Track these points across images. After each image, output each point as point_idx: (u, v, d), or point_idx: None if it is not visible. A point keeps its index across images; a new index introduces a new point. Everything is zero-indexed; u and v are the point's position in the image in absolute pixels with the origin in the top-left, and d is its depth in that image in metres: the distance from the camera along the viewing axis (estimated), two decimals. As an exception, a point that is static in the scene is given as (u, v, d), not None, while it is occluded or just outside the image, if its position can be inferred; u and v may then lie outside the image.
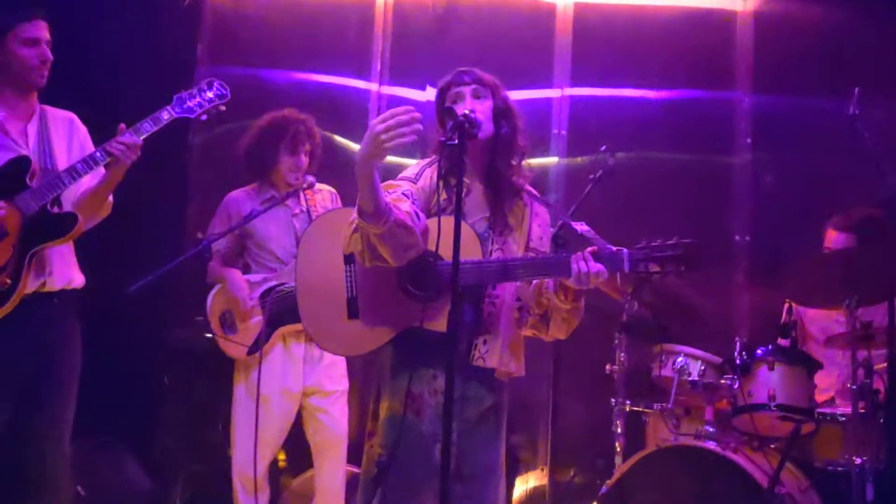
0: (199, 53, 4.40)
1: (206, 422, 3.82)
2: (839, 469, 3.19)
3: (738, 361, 3.25)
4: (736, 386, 3.22)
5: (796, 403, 3.16)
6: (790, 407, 3.15)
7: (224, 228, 3.40)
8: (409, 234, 2.16)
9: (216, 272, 3.43)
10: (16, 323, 2.64)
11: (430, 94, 4.48)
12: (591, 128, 4.39)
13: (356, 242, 2.19)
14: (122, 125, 2.72)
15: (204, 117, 2.87)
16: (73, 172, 2.69)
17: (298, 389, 3.34)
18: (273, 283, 3.35)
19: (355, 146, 4.54)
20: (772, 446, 3.29)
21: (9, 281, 2.61)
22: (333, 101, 4.47)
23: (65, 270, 2.79)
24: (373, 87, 4.57)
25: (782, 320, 3.55)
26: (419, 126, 2.05)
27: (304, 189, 3.41)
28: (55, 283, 2.75)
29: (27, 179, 2.67)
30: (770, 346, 3.28)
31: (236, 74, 4.45)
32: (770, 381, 3.18)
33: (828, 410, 3.29)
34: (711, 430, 3.22)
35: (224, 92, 2.87)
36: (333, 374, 3.41)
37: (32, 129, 2.80)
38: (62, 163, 2.78)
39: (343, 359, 3.42)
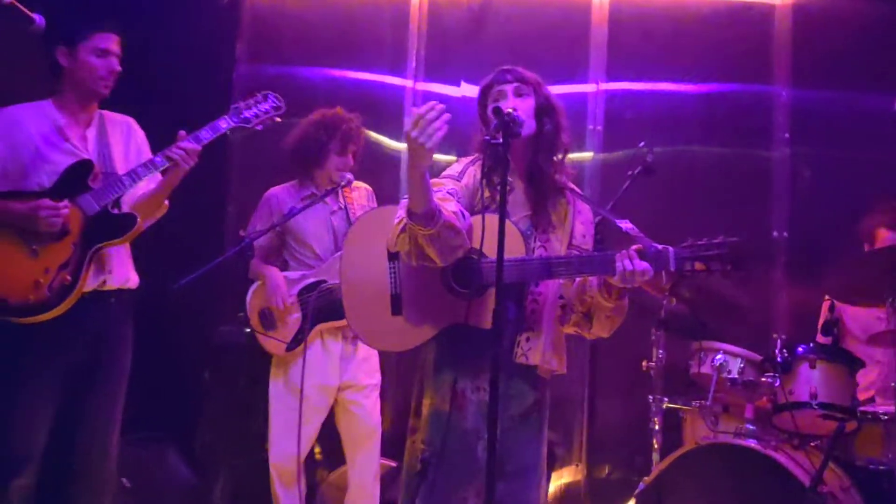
0: (238, 52, 4.45)
1: (246, 416, 3.87)
2: (881, 468, 3.17)
3: (778, 359, 3.22)
4: (777, 384, 3.19)
5: (838, 402, 3.13)
6: (832, 405, 3.12)
7: (265, 225, 3.44)
8: (456, 236, 2.18)
9: (256, 269, 3.48)
10: (74, 319, 2.71)
11: (465, 90, 4.49)
12: (627, 123, 4.37)
13: (403, 242, 2.21)
14: (182, 132, 2.79)
15: (259, 127, 2.94)
16: (134, 175, 2.76)
17: (335, 384, 3.38)
18: (312, 279, 3.38)
19: (391, 142, 4.58)
20: (812, 445, 3.26)
21: (69, 278, 2.68)
22: (369, 98, 4.49)
23: (122, 270, 2.86)
24: (408, 83, 4.59)
25: (823, 318, 3.51)
26: (447, 115, 2.07)
27: (343, 186, 3.43)
28: (114, 282, 2.82)
29: (89, 182, 2.76)
30: (811, 344, 3.26)
31: (274, 73, 4.50)
32: (812, 379, 3.15)
33: (869, 409, 3.26)
34: (752, 428, 3.19)
35: (279, 104, 2.96)
36: (367, 368, 3.45)
37: (91, 133, 2.87)
38: (120, 166, 2.85)
39: (376, 353, 3.46)
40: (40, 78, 2.87)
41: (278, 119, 2.98)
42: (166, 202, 2.95)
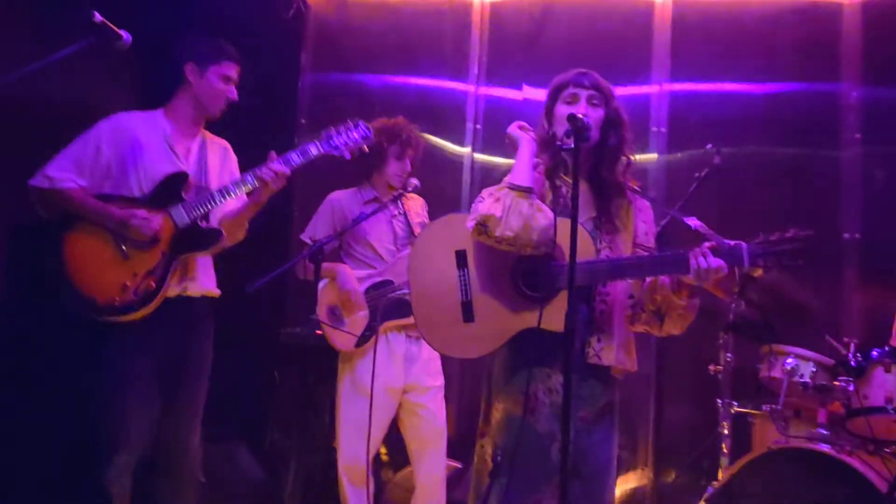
0: (302, 62, 4.55)
1: (315, 415, 3.95)
2: (962, 475, 3.07)
3: (852, 363, 3.16)
4: (851, 388, 3.13)
5: (916, 406, 3.05)
6: (909, 410, 3.04)
7: (327, 228, 3.52)
8: (544, 219, 2.27)
9: (325, 267, 3.55)
10: (158, 323, 2.83)
11: (527, 93, 4.51)
12: (691, 124, 4.32)
13: (497, 207, 2.26)
14: (273, 153, 2.89)
15: (347, 156, 3.01)
16: (225, 192, 2.88)
17: (400, 386, 3.43)
18: (377, 278, 3.46)
19: (453, 147, 4.63)
20: (888, 451, 3.18)
21: (154, 285, 2.80)
22: (431, 104, 4.55)
23: (206, 279, 2.98)
24: (470, 88, 4.62)
25: (897, 321, 3.43)
26: None
27: (409, 191, 3.52)
28: (196, 289, 2.94)
29: (182, 193, 2.88)
30: (886, 348, 3.18)
31: (338, 80, 4.59)
32: (887, 384, 3.07)
33: (948, 414, 3.17)
34: (825, 432, 3.13)
35: (368, 134, 3.03)
36: (431, 370, 3.49)
37: (195, 148, 3.01)
38: (214, 183, 2.98)
39: (438, 355, 3.49)
40: (125, 92, 3.00)
41: (366, 149, 3.05)
42: (246, 225, 3.04)
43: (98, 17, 2.35)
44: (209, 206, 2.88)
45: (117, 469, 2.76)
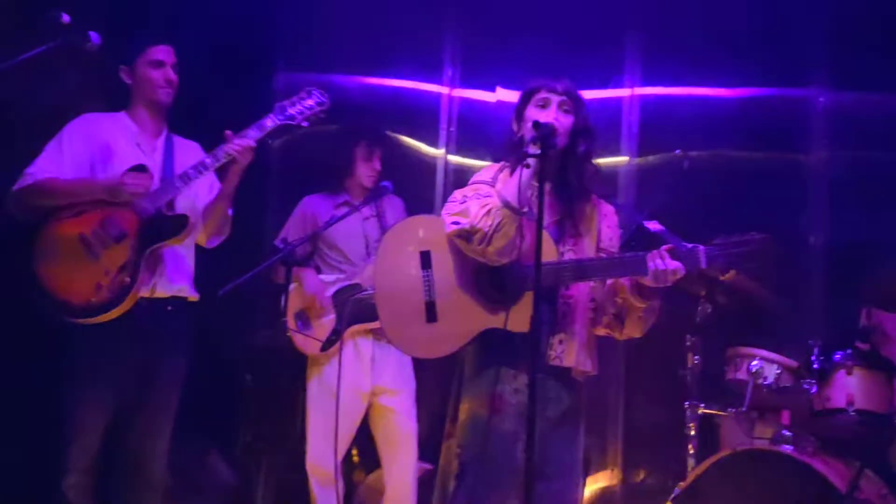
0: (276, 62, 4.53)
1: (286, 418, 3.95)
2: (919, 476, 3.15)
3: (815, 365, 3.22)
4: (814, 390, 3.18)
5: (876, 409, 3.11)
6: (869, 412, 3.10)
7: (299, 232, 3.51)
8: (518, 236, 2.27)
9: (296, 272, 3.55)
10: (132, 323, 2.81)
11: (500, 94, 4.53)
12: (661, 128, 4.36)
13: (485, 222, 2.27)
14: (229, 132, 2.88)
15: (305, 124, 3.00)
16: (185, 177, 2.87)
17: (368, 389, 3.44)
18: (346, 283, 3.46)
19: (427, 149, 4.64)
20: (849, 452, 3.24)
21: (128, 279, 2.78)
22: (404, 105, 4.55)
23: (177, 277, 2.96)
24: (444, 90, 4.64)
25: (861, 324, 3.48)
26: None
27: (380, 195, 3.50)
28: (166, 288, 2.91)
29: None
30: (849, 351, 3.24)
31: (311, 81, 4.54)
32: (849, 386, 3.14)
33: (907, 416, 3.23)
34: (788, 434, 3.18)
35: (323, 99, 3.00)
36: (402, 373, 3.50)
37: (160, 144, 3.01)
38: None
39: (410, 358, 3.51)
40: (97, 94, 3.00)
41: (322, 114, 3.02)
42: (230, 214, 3.04)
43: (66, 17, 2.33)
44: (171, 194, 2.86)
45: (76, 473, 2.75)
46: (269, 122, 2.93)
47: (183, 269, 2.99)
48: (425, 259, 2.41)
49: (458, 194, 2.41)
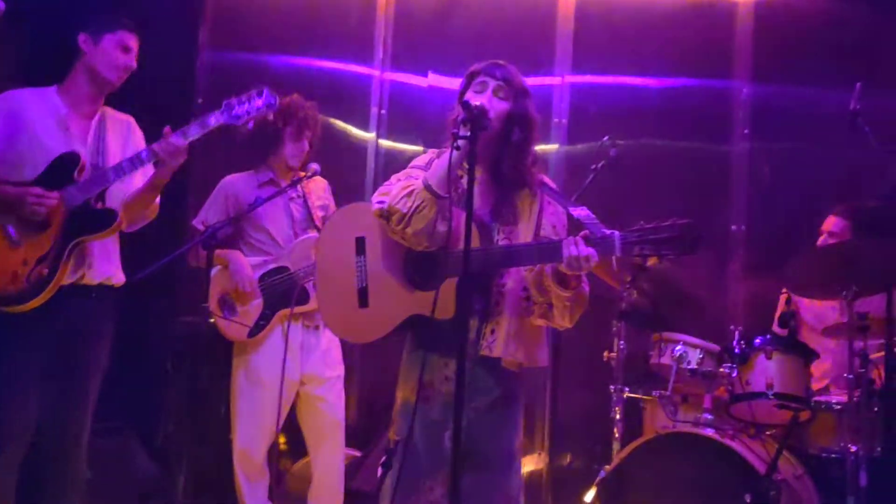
0: (200, 39, 4.38)
1: (209, 407, 3.85)
2: (833, 456, 3.26)
3: (736, 350, 3.30)
4: (734, 374, 3.26)
5: (793, 392, 3.21)
6: (787, 395, 3.20)
7: (220, 213, 3.41)
8: (443, 223, 2.26)
9: (218, 255, 3.44)
10: (53, 311, 2.70)
11: (432, 80, 4.49)
12: (591, 115, 4.41)
13: (405, 203, 2.27)
14: (168, 128, 2.77)
15: (250, 125, 2.92)
16: (119, 170, 2.75)
17: (297, 378, 3.37)
18: (272, 265, 3.37)
19: (357, 132, 4.57)
20: (768, 434, 3.34)
21: (46, 271, 2.66)
22: (335, 87, 4.48)
23: (105, 266, 2.84)
24: (375, 73, 4.58)
25: (780, 310, 3.60)
26: None
27: (309, 178, 3.42)
28: (94, 277, 2.80)
29: (75, 174, 2.74)
30: (768, 336, 3.33)
31: (238, 59, 4.45)
32: (768, 370, 3.23)
33: (823, 399, 3.35)
34: (710, 417, 3.26)
35: (272, 101, 2.87)
36: (330, 360, 3.44)
37: (92, 127, 2.87)
38: (112, 163, 2.83)
39: (338, 344, 3.46)
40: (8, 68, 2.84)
41: (270, 116, 2.96)
42: (157, 202, 2.93)
43: None
44: (103, 185, 2.75)
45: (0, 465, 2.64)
46: (213, 121, 2.82)
47: (111, 256, 2.88)
48: (360, 245, 2.42)
49: (392, 178, 2.40)
